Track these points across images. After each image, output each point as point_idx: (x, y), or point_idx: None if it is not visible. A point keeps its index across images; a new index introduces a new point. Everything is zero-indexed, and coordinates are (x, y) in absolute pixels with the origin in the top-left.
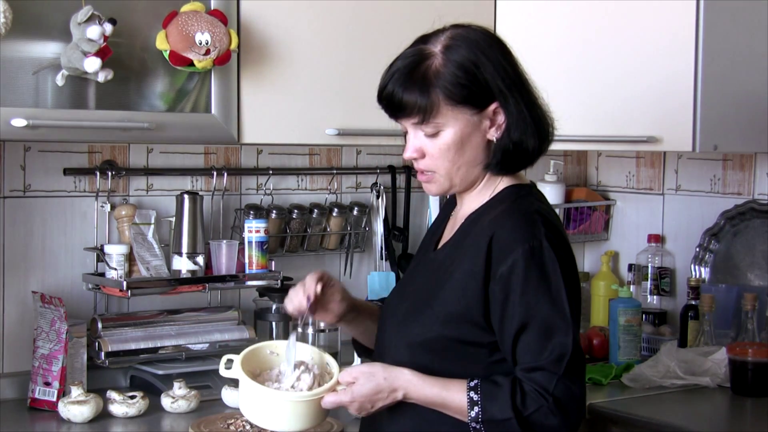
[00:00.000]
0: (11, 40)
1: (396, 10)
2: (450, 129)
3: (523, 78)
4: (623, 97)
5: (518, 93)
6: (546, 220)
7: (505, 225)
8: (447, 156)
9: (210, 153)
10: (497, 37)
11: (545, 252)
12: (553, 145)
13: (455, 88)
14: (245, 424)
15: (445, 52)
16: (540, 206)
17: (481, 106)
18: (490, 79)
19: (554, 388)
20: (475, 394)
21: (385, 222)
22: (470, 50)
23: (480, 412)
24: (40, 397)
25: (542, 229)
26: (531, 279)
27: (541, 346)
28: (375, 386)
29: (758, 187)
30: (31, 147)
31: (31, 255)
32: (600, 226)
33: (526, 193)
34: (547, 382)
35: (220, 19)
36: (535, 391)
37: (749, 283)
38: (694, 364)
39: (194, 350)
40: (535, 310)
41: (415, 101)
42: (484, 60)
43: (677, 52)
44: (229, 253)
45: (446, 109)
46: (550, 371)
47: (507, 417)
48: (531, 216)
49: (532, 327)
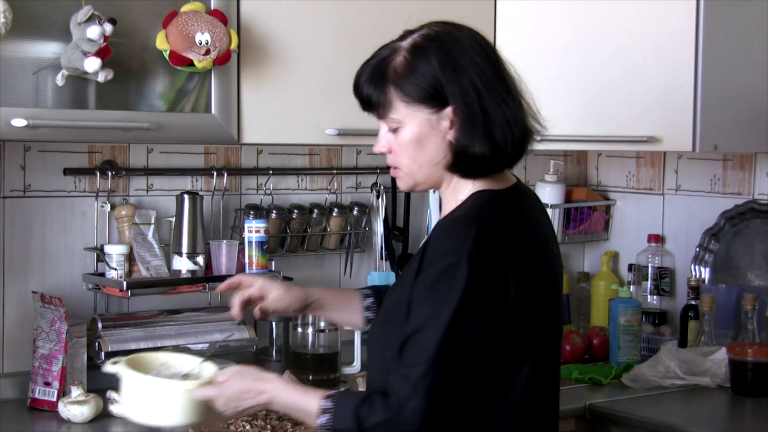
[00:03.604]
0: (11, 40)
1: (396, 10)
2: (408, 126)
3: (493, 82)
4: (623, 97)
5: (477, 97)
6: (482, 235)
7: (441, 231)
8: (407, 153)
9: (210, 153)
10: (477, 38)
11: (459, 272)
12: (553, 145)
13: (410, 87)
14: (245, 424)
15: (410, 50)
16: (492, 215)
17: (438, 106)
18: (447, 82)
19: (405, 400)
20: (329, 402)
21: (385, 222)
22: (435, 51)
23: (329, 419)
24: (40, 397)
25: (471, 244)
26: (434, 292)
27: (413, 357)
28: (243, 385)
29: (758, 187)
30: (31, 147)
31: (31, 255)
32: (600, 226)
33: (490, 201)
34: (401, 392)
35: (220, 19)
36: (382, 404)
37: (749, 283)
38: (694, 364)
39: (194, 350)
40: (423, 322)
41: (371, 96)
42: (446, 62)
43: (677, 52)
44: (229, 253)
45: (402, 106)
46: (408, 382)
47: (347, 427)
48: (467, 227)
49: (414, 336)
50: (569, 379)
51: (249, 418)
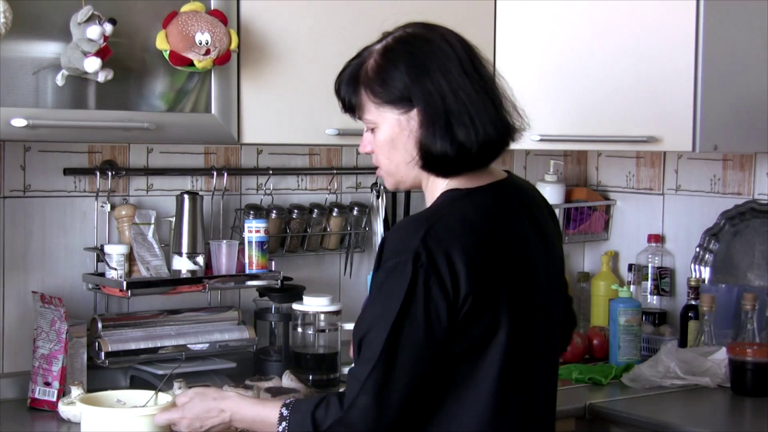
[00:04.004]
0: (11, 40)
1: (396, 10)
2: (382, 127)
3: (462, 83)
4: (623, 97)
5: (441, 99)
6: (431, 234)
7: (395, 231)
8: (383, 153)
9: (210, 153)
10: (450, 39)
11: (404, 270)
12: (553, 145)
13: (379, 89)
14: None
15: (380, 53)
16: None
17: (407, 107)
18: (412, 83)
19: (354, 398)
20: (286, 409)
21: (385, 222)
22: (403, 53)
23: (286, 426)
24: (40, 397)
25: (417, 243)
26: (381, 291)
27: (362, 354)
28: (205, 406)
29: (758, 187)
30: (31, 147)
31: (31, 255)
32: (600, 226)
33: (453, 199)
34: (351, 390)
35: (220, 19)
36: (337, 404)
37: (749, 283)
38: (694, 364)
39: (194, 350)
40: (371, 321)
41: (346, 98)
42: (412, 64)
43: (677, 52)
44: (229, 253)
45: (373, 108)
46: (357, 381)
47: (305, 431)
48: (417, 226)
49: (365, 334)
50: (569, 379)
51: None
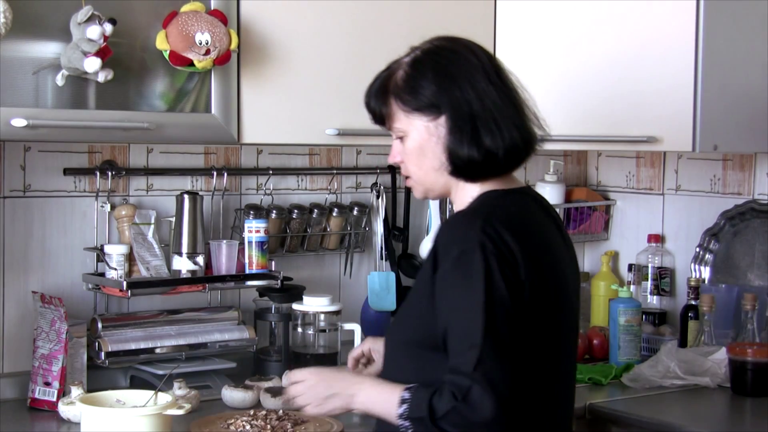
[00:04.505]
0: (11, 40)
1: (396, 10)
2: (411, 135)
3: (487, 91)
4: (623, 97)
5: (467, 106)
6: (487, 224)
7: (447, 226)
8: (413, 161)
9: (210, 153)
10: (476, 51)
11: (474, 257)
12: (553, 145)
13: (408, 97)
14: (245, 424)
15: (410, 65)
16: (496, 209)
17: (435, 114)
18: (440, 92)
19: (467, 391)
20: (407, 393)
21: (385, 222)
22: (431, 64)
23: (407, 408)
24: (40, 397)
25: (478, 232)
26: (455, 284)
27: (458, 349)
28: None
29: (758, 187)
30: (31, 147)
31: (31, 255)
32: (600, 226)
33: (496, 197)
34: (461, 385)
35: (220, 19)
36: (450, 393)
37: (749, 283)
38: (694, 364)
39: (194, 350)
40: (454, 315)
41: (376, 108)
42: (440, 74)
43: (677, 52)
44: (229, 253)
45: (402, 116)
46: (465, 375)
47: (422, 415)
48: (472, 219)
49: (451, 330)
50: None
51: (249, 418)
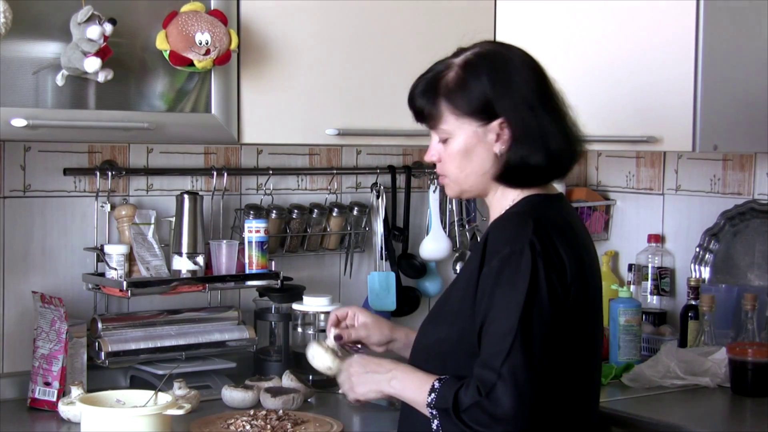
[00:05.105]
0: (11, 40)
1: (396, 10)
2: (457, 137)
3: (543, 97)
4: (623, 97)
5: (530, 112)
6: (539, 226)
7: (498, 226)
8: (454, 162)
9: (210, 153)
10: (526, 58)
11: (523, 258)
12: None
13: (460, 101)
14: (245, 424)
15: (462, 66)
16: (545, 213)
17: (486, 119)
18: (497, 97)
19: (492, 386)
20: (438, 382)
21: (385, 222)
22: (486, 68)
23: (435, 397)
24: (40, 397)
25: (530, 234)
26: (501, 281)
27: (491, 345)
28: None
29: (758, 187)
30: (31, 147)
31: (31, 255)
32: (600, 226)
33: (542, 201)
34: (487, 380)
35: (220, 19)
36: (475, 387)
37: (749, 283)
38: (694, 364)
39: (194, 350)
40: (495, 311)
41: (424, 108)
42: (496, 78)
43: (677, 52)
44: (229, 253)
45: (451, 119)
46: (492, 370)
47: (447, 406)
48: (524, 220)
49: (487, 325)
50: None
51: (249, 418)
